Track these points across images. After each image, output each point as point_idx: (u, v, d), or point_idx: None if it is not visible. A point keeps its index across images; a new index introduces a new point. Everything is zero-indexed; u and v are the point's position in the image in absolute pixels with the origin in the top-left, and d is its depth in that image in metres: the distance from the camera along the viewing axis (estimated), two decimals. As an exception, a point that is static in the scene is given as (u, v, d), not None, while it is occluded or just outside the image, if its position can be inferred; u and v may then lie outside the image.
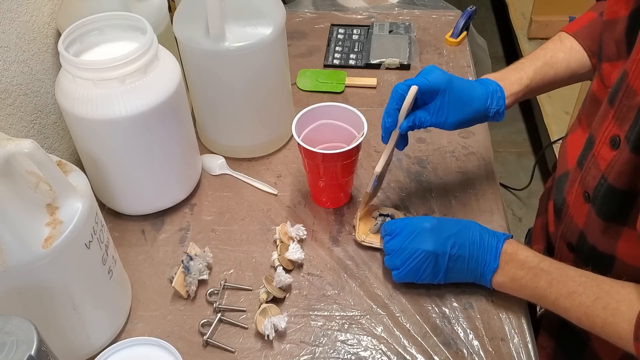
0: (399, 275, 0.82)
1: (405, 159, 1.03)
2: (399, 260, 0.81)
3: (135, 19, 0.83)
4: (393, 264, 0.82)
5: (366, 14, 1.36)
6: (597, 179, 0.71)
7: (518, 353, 0.78)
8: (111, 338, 0.80)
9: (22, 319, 0.55)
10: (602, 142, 0.71)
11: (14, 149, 0.61)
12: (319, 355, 0.78)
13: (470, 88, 0.84)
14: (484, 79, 0.87)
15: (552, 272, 0.74)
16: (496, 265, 0.78)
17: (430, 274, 0.80)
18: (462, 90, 0.82)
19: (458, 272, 0.80)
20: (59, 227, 0.66)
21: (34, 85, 0.90)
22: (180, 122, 0.89)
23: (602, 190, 0.71)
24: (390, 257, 0.82)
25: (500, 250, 0.78)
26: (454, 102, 0.81)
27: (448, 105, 0.81)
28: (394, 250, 0.81)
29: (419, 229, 0.80)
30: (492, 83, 0.86)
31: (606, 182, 0.70)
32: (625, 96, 0.67)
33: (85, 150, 0.86)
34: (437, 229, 0.80)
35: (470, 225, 0.81)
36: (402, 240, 0.80)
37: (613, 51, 0.73)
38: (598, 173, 0.71)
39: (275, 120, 1.03)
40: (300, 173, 1.01)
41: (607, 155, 0.70)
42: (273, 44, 0.92)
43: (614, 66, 0.73)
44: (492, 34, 2.97)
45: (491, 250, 0.78)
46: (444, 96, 0.81)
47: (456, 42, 1.26)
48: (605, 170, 0.70)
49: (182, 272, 0.84)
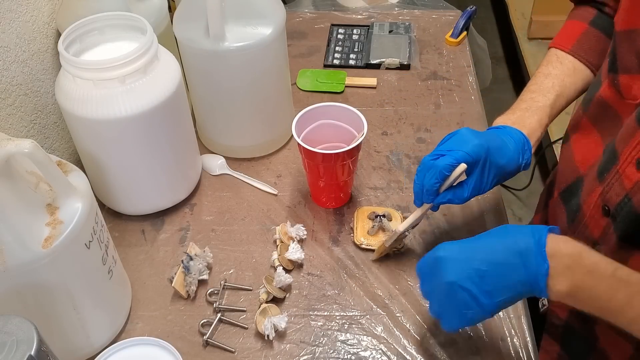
0: (446, 324, 0.70)
1: (405, 159, 1.03)
2: (436, 304, 0.71)
3: (135, 19, 0.83)
4: (435, 312, 0.71)
5: (366, 14, 1.36)
6: (621, 197, 0.69)
7: (518, 353, 0.78)
8: (111, 338, 0.80)
9: (22, 319, 0.55)
10: (628, 161, 0.68)
11: (14, 149, 0.61)
12: (319, 355, 0.78)
13: (504, 149, 0.77)
14: (507, 128, 0.80)
15: (634, 284, 0.61)
16: (547, 266, 0.63)
17: (473, 308, 0.66)
18: (498, 155, 0.76)
19: (503, 291, 0.66)
20: (59, 227, 0.66)
21: (34, 85, 0.90)
22: (180, 122, 0.89)
23: (624, 209, 0.68)
24: (431, 305, 0.72)
25: (545, 246, 0.64)
26: (492, 171, 0.76)
27: (488, 175, 0.76)
28: (428, 293, 0.72)
29: (434, 261, 0.69)
30: (518, 135, 0.79)
31: (630, 202, 0.67)
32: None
33: (85, 150, 0.86)
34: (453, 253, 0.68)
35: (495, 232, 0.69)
36: (427, 279, 0.71)
37: (634, 63, 0.71)
38: (622, 191, 0.69)
39: (275, 120, 1.03)
40: (300, 173, 1.01)
41: (633, 176, 0.67)
42: (273, 44, 0.92)
43: (634, 79, 0.71)
44: (492, 34, 2.97)
45: (530, 251, 0.64)
46: (483, 168, 0.75)
47: (456, 42, 1.26)
48: (630, 191, 0.67)
49: (182, 272, 0.84)
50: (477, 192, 0.77)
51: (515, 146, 0.79)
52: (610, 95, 0.76)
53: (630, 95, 0.71)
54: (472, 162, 0.74)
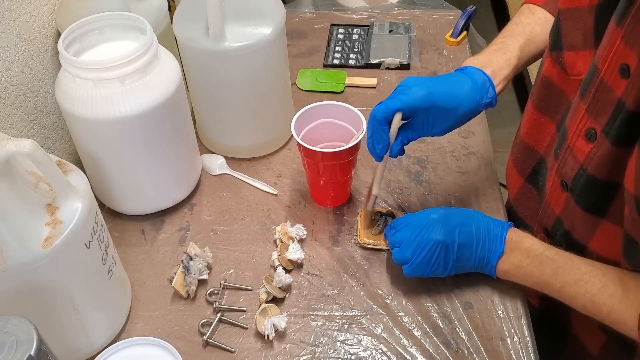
0: (409, 268, 0.80)
1: (405, 159, 1.03)
2: (408, 252, 0.79)
3: (135, 19, 0.83)
4: (403, 257, 0.80)
5: (366, 13, 1.36)
6: (576, 170, 0.73)
7: (518, 353, 0.78)
8: (111, 338, 0.80)
9: (22, 319, 0.55)
10: (577, 134, 0.72)
11: (14, 149, 0.61)
12: (319, 355, 0.78)
13: (455, 92, 0.80)
14: (469, 68, 0.83)
15: (558, 260, 0.75)
16: (502, 251, 0.78)
17: (441, 265, 0.79)
18: (445, 99, 0.79)
19: (465, 261, 0.80)
20: (58, 227, 0.66)
21: (33, 85, 0.90)
22: (180, 122, 0.89)
23: (581, 180, 0.73)
24: (399, 250, 0.80)
25: (506, 237, 0.78)
26: (439, 114, 0.79)
27: (434, 118, 0.79)
28: (402, 242, 0.80)
29: (426, 220, 0.79)
30: (478, 74, 0.82)
31: (585, 173, 0.72)
32: (598, 92, 0.68)
33: (85, 150, 0.86)
34: (444, 219, 0.79)
35: (474, 213, 0.82)
36: (411, 231, 0.79)
37: (578, 40, 0.73)
38: (576, 164, 0.73)
39: (275, 120, 1.02)
40: (300, 173, 1.01)
41: (584, 148, 0.71)
42: (273, 44, 0.92)
43: (579, 55, 0.74)
44: (492, 34, 2.94)
45: (496, 237, 0.79)
46: (427, 113, 0.79)
47: (456, 42, 1.26)
48: (584, 162, 0.72)
49: (182, 272, 0.84)
50: (424, 133, 0.81)
51: (472, 86, 0.81)
52: (554, 73, 0.79)
53: (575, 71, 0.74)
54: (409, 108, 0.77)
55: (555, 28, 0.77)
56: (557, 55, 0.77)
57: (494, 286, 0.84)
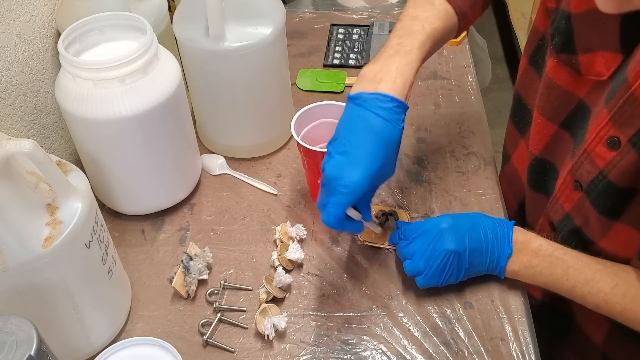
0: (423, 279, 0.79)
1: (405, 159, 1.03)
2: (421, 263, 0.78)
3: (135, 18, 0.83)
4: (416, 269, 0.79)
5: (366, 13, 1.36)
6: (593, 175, 0.73)
7: (518, 353, 0.78)
8: (111, 338, 0.80)
9: (22, 319, 0.55)
10: (597, 140, 0.71)
11: (14, 149, 0.61)
12: (319, 355, 0.78)
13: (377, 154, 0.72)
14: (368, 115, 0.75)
15: (568, 260, 0.76)
16: (510, 252, 0.78)
17: (454, 273, 0.79)
18: (378, 168, 0.72)
19: (477, 266, 0.80)
20: (58, 227, 0.66)
21: (33, 85, 0.90)
22: (180, 122, 0.89)
23: (600, 185, 0.72)
24: (412, 262, 0.80)
25: (512, 237, 0.79)
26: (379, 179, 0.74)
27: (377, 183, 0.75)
28: (414, 253, 0.79)
29: (436, 230, 0.79)
30: (385, 114, 0.73)
31: (605, 179, 0.71)
32: (627, 104, 0.67)
33: (85, 150, 0.86)
34: (453, 227, 0.79)
35: (479, 216, 0.82)
36: (422, 242, 0.79)
37: (595, 42, 0.72)
38: (594, 169, 0.73)
39: (275, 120, 1.02)
40: (300, 173, 1.01)
41: (605, 155, 0.71)
42: (273, 44, 0.92)
43: (597, 56, 0.72)
44: (492, 34, 2.97)
45: (504, 238, 0.79)
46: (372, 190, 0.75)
47: (456, 42, 1.26)
48: (604, 169, 0.71)
49: (182, 272, 0.84)
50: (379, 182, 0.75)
51: (384, 136, 0.72)
52: (560, 75, 0.78)
53: (592, 71, 0.73)
54: (355, 199, 0.71)
55: (564, 31, 0.75)
56: (567, 57, 0.76)
57: (494, 286, 0.84)
